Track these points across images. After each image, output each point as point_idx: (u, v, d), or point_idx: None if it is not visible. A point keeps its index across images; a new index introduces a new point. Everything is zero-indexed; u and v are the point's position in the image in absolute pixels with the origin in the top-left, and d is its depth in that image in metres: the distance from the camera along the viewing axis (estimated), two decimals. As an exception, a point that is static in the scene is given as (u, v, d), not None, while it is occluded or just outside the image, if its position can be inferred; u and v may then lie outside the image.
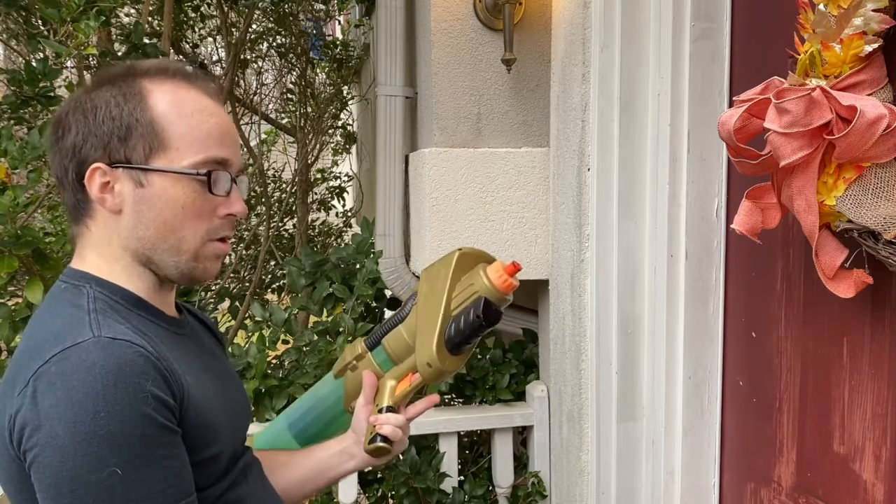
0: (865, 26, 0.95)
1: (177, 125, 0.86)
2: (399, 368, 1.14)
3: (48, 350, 0.77)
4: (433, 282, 1.11)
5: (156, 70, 0.89)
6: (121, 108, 0.85)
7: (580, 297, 1.74)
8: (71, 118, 0.87)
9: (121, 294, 0.87)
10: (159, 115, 0.86)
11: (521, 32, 2.00)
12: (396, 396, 1.13)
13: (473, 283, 1.09)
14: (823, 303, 1.26)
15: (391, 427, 1.10)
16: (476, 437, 2.30)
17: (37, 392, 0.74)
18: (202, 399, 0.86)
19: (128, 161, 0.85)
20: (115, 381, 0.74)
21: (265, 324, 2.30)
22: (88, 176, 0.85)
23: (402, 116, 2.24)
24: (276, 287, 3.90)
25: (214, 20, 3.79)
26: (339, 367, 1.19)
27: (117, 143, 0.85)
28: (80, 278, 0.88)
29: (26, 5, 2.21)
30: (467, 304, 1.08)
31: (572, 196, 1.78)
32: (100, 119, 0.85)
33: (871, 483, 1.18)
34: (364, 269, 2.29)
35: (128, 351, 0.77)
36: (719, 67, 1.51)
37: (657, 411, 1.63)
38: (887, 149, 0.94)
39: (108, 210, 0.86)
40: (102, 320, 0.81)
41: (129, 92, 0.86)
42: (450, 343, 1.08)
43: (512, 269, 1.09)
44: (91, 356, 0.75)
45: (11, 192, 1.81)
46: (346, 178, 4.38)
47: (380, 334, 1.16)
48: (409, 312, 1.13)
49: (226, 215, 0.91)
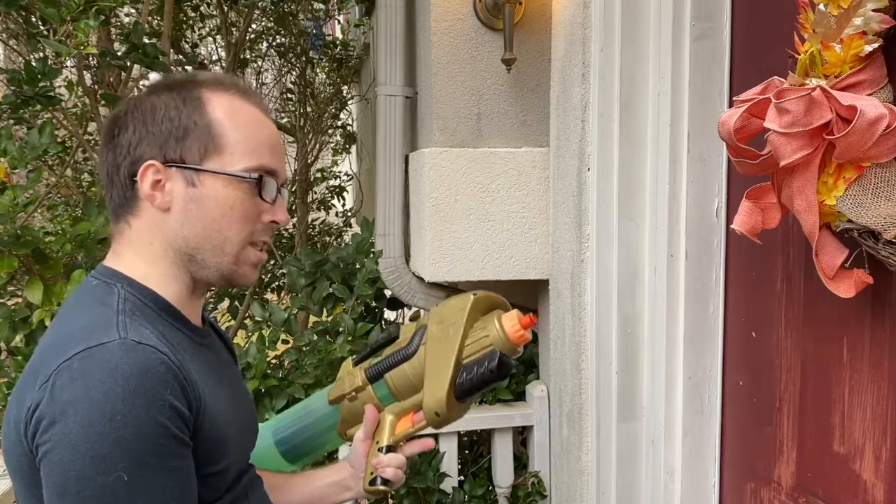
0: (865, 26, 0.95)
1: (232, 131, 0.89)
2: (400, 405, 1.12)
3: (73, 346, 0.77)
4: (445, 326, 1.08)
5: (213, 81, 0.93)
6: (179, 110, 0.88)
7: (580, 297, 1.74)
8: (129, 117, 0.89)
9: (151, 297, 0.88)
10: (216, 120, 0.89)
11: (521, 32, 2.00)
12: (397, 436, 1.12)
13: (487, 333, 1.06)
14: (823, 303, 1.26)
15: (393, 470, 1.10)
16: (476, 437, 2.30)
17: (56, 386, 0.75)
18: (217, 412, 0.86)
19: (182, 161, 0.88)
20: (136, 386, 0.74)
21: (265, 324, 2.30)
22: (141, 173, 0.87)
23: (402, 116, 2.24)
24: (276, 287, 3.90)
25: (214, 20, 3.79)
26: (337, 394, 1.17)
27: (174, 143, 0.88)
28: (113, 277, 0.89)
29: (26, 5, 2.21)
30: (480, 356, 1.06)
31: (572, 196, 1.78)
32: (158, 119, 0.88)
33: (871, 483, 1.18)
34: (364, 269, 2.29)
35: (151, 357, 0.77)
36: (719, 67, 1.51)
37: (657, 411, 1.63)
38: (887, 149, 0.94)
39: (157, 207, 0.88)
40: (130, 322, 0.81)
41: (189, 97, 0.89)
42: (459, 392, 1.06)
43: (527, 322, 1.06)
44: (115, 357, 0.75)
45: (11, 192, 1.82)
46: (345, 178, 4.38)
47: (382, 368, 1.13)
48: (415, 351, 1.10)
49: (269, 222, 0.93)
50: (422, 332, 1.11)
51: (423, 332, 1.11)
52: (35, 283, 1.90)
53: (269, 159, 0.92)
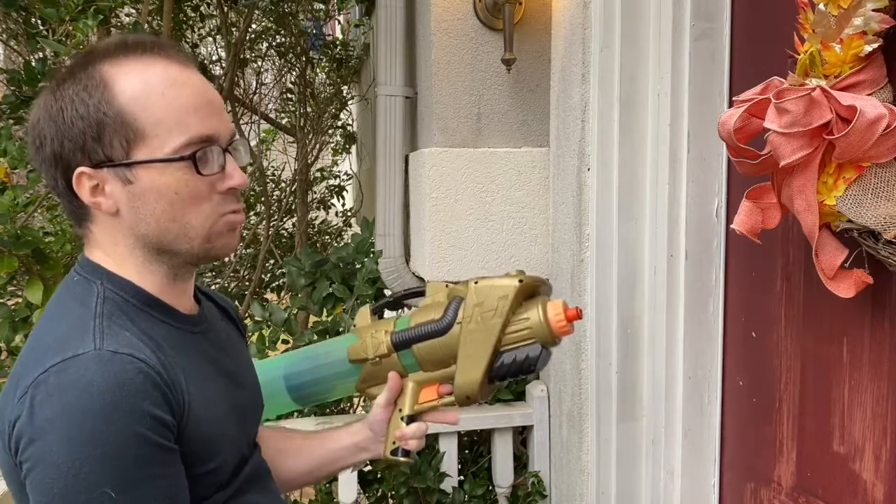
0: (865, 26, 0.95)
1: (149, 110, 0.81)
2: (426, 375, 1.11)
3: (49, 357, 0.75)
4: (485, 311, 1.04)
5: (115, 48, 0.83)
6: (86, 104, 0.80)
7: (580, 297, 1.74)
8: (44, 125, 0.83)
9: (133, 292, 0.85)
10: (128, 102, 0.80)
11: (521, 32, 2.00)
12: (421, 406, 1.11)
13: (529, 319, 1.04)
14: (823, 303, 1.26)
15: (416, 442, 1.09)
16: (476, 437, 2.30)
17: (34, 403, 0.73)
18: (206, 411, 0.84)
19: (109, 160, 0.81)
20: (113, 400, 0.73)
21: (265, 324, 2.30)
22: (76, 182, 0.82)
23: (402, 116, 2.24)
24: (276, 286, 3.89)
25: (214, 20, 3.79)
26: (359, 356, 1.13)
27: (93, 143, 0.81)
28: (93, 272, 0.86)
29: (26, 5, 2.21)
30: (521, 345, 1.04)
31: (572, 196, 1.78)
32: (69, 120, 0.81)
33: (871, 483, 1.17)
34: (364, 269, 2.29)
35: (128, 367, 0.75)
36: (719, 67, 1.51)
37: (657, 411, 1.63)
38: (887, 149, 0.94)
39: (105, 212, 0.84)
40: (107, 326, 0.79)
41: (91, 83, 0.81)
42: (493, 378, 1.06)
43: (573, 315, 1.04)
44: (90, 371, 0.73)
45: (11, 192, 1.82)
46: (345, 177, 4.38)
47: (411, 338, 1.09)
48: (448, 326, 1.06)
49: (226, 190, 0.86)
50: (456, 306, 1.07)
51: (458, 305, 1.07)
52: (35, 283, 1.90)
53: (200, 125, 0.83)
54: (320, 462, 1.16)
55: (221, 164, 0.85)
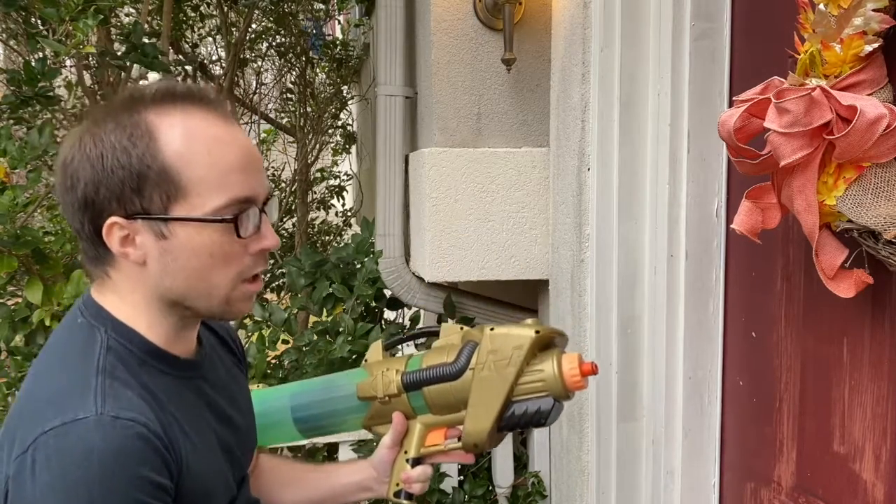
0: (865, 26, 0.95)
1: (193, 167, 0.79)
2: (434, 418, 1.10)
3: (50, 416, 0.74)
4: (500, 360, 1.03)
5: (161, 96, 0.81)
6: (128, 154, 0.78)
7: (580, 297, 1.74)
8: (78, 165, 0.80)
9: (137, 342, 0.84)
10: (172, 156, 0.78)
11: (521, 32, 2.00)
12: (427, 449, 1.10)
13: (543, 372, 1.02)
14: (823, 303, 1.26)
15: (420, 485, 1.09)
16: (476, 437, 2.30)
17: (35, 464, 0.72)
18: (201, 465, 0.84)
19: (146, 212, 0.79)
20: (113, 468, 0.73)
21: (265, 324, 2.30)
22: (106, 232, 0.80)
23: (402, 116, 2.24)
24: (276, 286, 3.89)
25: (214, 20, 3.79)
26: (368, 394, 1.12)
27: (131, 194, 0.79)
28: (97, 317, 0.84)
29: (26, 5, 2.21)
30: (533, 397, 1.03)
31: (572, 196, 1.78)
32: (109, 167, 0.78)
33: (871, 483, 1.17)
34: (364, 269, 2.29)
35: (129, 433, 0.74)
36: (719, 67, 1.51)
37: (657, 411, 1.63)
38: (887, 149, 0.94)
39: (133, 262, 0.82)
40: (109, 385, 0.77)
41: (136, 132, 0.79)
42: (502, 428, 1.05)
43: (588, 370, 1.02)
44: (90, 438, 0.73)
45: (11, 192, 1.82)
46: (345, 178, 4.38)
47: (422, 380, 1.08)
48: (461, 372, 1.05)
49: (258, 251, 0.85)
50: (469, 351, 1.06)
51: (472, 351, 1.05)
52: (35, 283, 1.91)
53: (242, 186, 0.82)
54: (322, 496, 1.15)
55: (257, 225, 0.84)
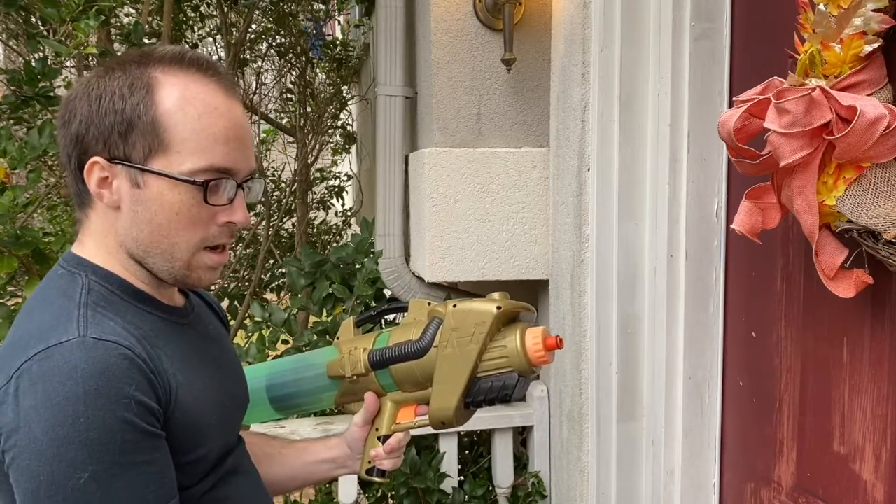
0: (865, 26, 0.95)
1: (181, 126, 0.82)
2: (403, 395, 1.10)
3: (32, 346, 0.75)
4: (462, 337, 1.02)
5: (171, 58, 0.84)
6: (125, 100, 0.82)
7: (580, 297, 1.74)
8: (77, 104, 0.84)
9: (118, 284, 0.85)
10: (164, 112, 0.82)
11: (521, 32, 2.00)
12: (398, 426, 1.10)
13: (506, 347, 1.01)
14: (823, 303, 1.26)
15: (391, 462, 1.10)
16: (476, 438, 2.30)
17: (18, 391, 0.73)
18: (193, 400, 0.84)
19: (127, 159, 0.82)
20: (97, 386, 0.73)
21: (265, 324, 2.30)
22: (87, 169, 0.83)
23: (402, 116, 2.24)
24: (276, 287, 3.90)
25: (214, 20, 3.79)
26: (337, 373, 1.13)
27: (117, 139, 0.82)
28: (78, 265, 0.86)
29: (26, 5, 2.21)
30: (497, 373, 1.02)
31: (572, 196, 1.78)
32: (103, 110, 0.82)
33: (871, 483, 1.18)
34: (364, 269, 2.29)
35: (112, 353, 0.75)
36: (719, 67, 1.51)
37: (657, 411, 1.63)
38: (887, 149, 0.94)
39: (106, 205, 0.84)
40: (91, 316, 0.79)
41: (138, 82, 0.82)
42: (469, 404, 1.05)
43: (552, 343, 1.01)
44: (74, 358, 0.73)
45: (11, 192, 1.82)
46: (345, 178, 4.38)
47: (388, 359, 1.08)
48: (426, 349, 1.05)
49: (225, 223, 0.87)
50: (434, 329, 1.06)
51: (437, 328, 1.05)
52: (35, 283, 1.90)
53: (224, 156, 0.84)
54: (295, 473, 1.16)
55: (231, 198, 0.86)
